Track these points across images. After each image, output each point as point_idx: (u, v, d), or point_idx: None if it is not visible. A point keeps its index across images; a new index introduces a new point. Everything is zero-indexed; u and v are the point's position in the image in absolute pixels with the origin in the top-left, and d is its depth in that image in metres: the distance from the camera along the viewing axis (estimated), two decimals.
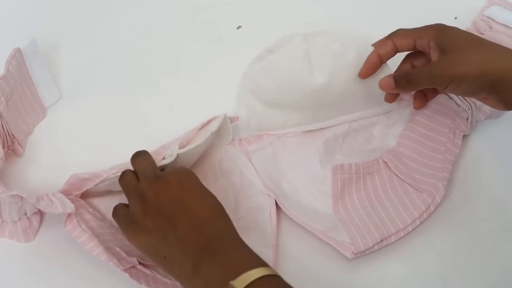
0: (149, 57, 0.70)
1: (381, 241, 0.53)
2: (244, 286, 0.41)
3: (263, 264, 0.44)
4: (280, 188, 0.57)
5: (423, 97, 0.58)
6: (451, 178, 0.58)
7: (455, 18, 0.73)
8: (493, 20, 0.69)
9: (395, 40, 0.55)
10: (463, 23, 0.71)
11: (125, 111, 0.65)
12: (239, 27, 0.73)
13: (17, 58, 0.59)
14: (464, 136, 0.60)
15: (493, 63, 0.49)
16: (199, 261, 0.44)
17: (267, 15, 0.74)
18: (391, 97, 0.58)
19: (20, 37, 0.62)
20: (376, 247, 0.53)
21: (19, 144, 0.59)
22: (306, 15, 0.74)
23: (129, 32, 0.72)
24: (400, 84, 0.54)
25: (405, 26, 0.56)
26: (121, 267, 0.49)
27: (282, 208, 0.56)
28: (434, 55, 0.53)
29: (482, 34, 0.68)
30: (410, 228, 0.55)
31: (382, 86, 0.55)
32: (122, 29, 0.72)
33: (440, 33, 0.52)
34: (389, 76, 0.55)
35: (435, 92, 0.58)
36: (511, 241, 0.55)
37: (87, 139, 0.62)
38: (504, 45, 0.64)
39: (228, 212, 0.55)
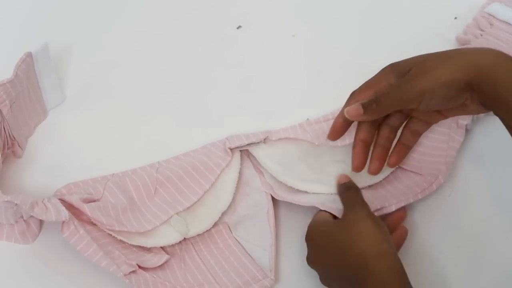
0: (150, 59, 0.70)
1: (380, 208, 0.54)
2: None
3: None
4: (283, 175, 0.57)
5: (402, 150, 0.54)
6: (452, 177, 0.58)
7: (455, 18, 0.73)
8: (494, 17, 0.69)
9: (356, 97, 0.51)
10: (463, 21, 0.71)
11: (126, 113, 0.65)
12: (239, 27, 0.73)
13: (27, 62, 0.59)
14: (467, 132, 0.60)
15: (462, 66, 0.46)
16: None
17: (267, 15, 0.75)
18: (338, 133, 0.53)
19: (33, 40, 0.62)
20: (375, 214, 0.52)
21: (19, 146, 0.59)
22: (306, 16, 0.74)
23: (132, 35, 0.73)
24: (368, 109, 0.49)
25: (404, 26, 0.56)
26: (121, 273, 0.49)
27: (279, 198, 0.56)
28: None
29: (482, 30, 0.68)
30: (411, 200, 0.55)
31: (349, 114, 0.50)
32: (127, 34, 0.73)
33: (395, 66, 0.50)
34: (357, 103, 0.49)
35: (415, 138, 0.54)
36: (511, 241, 0.55)
37: (87, 141, 0.62)
38: (505, 41, 0.66)
39: (226, 210, 0.55)
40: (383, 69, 0.51)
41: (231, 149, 0.58)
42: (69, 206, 0.52)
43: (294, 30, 0.73)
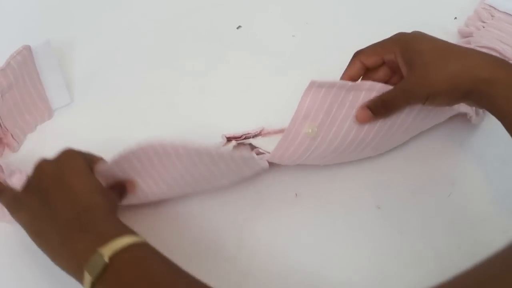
0: (150, 58, 0.71)
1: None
2: (112, 253, 0.41)
3: (132, 233, 0.44)
4: None
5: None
6: (452, 177, 0.58)
7: (455, 18, 0.73)
8: (495, 9, 0.70)
9: (362, 58, 0.54)
10: (464, 15, 0.72)
11: (126, 113, 0.65)
12: (239, 27, 0.73)
13: (24, 54, 0.59)
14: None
15: (460, 76, 0.48)
16: (67, 232, 0.45)
17: (267, 15, 0.75)
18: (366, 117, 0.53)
19: (35, 37, 0.62)
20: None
21: (13, 138, 0.59)
22: (306, 16, 0.74)
23: (132, 36, 0.73)
24: (378, 112, 0.52)
25: (405, 23, 0.56)
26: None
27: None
28: (403, 69, 0.52)
29: (484, 22, 0.68)
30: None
31: (359, 119, 0.52)
32: (126, 35, 0.73)
33: (404, 47, 0.51)
34: (363, 107, 0.52)
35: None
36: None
37: (90, 141, 0.62)
38: (507, 32, 0.66)
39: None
40: (396, 41, 0.53)
41: (227, 138, 0.58)
42: None
43: (294, 30, 0.73)
